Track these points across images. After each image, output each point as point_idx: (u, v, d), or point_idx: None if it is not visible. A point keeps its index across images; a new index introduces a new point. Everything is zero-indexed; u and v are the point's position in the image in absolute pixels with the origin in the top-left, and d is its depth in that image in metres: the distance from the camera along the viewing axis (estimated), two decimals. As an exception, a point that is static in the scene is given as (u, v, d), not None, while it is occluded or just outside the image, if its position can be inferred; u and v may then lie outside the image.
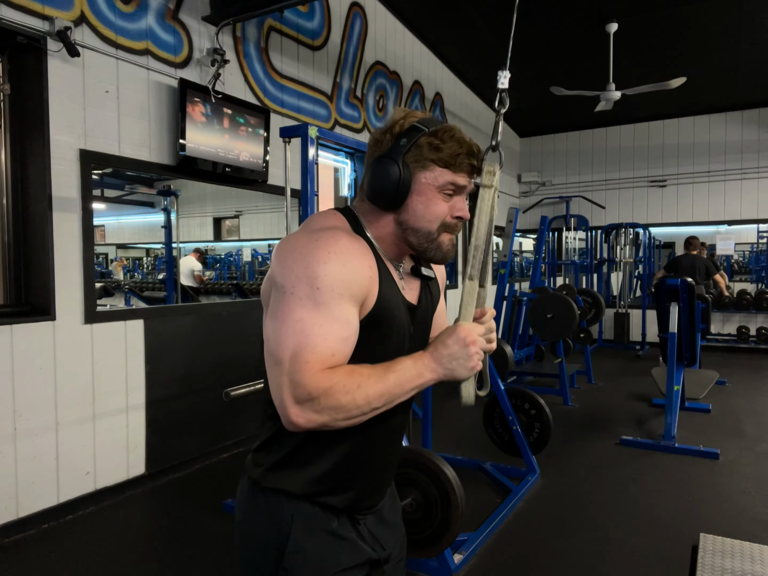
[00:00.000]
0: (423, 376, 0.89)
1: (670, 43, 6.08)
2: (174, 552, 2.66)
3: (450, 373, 0.90)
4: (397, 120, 0.97)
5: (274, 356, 0.86)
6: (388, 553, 1.10)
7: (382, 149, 0.97)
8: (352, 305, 0.89)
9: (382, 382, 0.86)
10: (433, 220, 0.97)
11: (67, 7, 2.94)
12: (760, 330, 7.82)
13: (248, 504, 1.03)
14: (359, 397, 0.84)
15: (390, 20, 5.70)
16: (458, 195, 0.99)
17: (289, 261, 0.89)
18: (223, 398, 2.41)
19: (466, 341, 0.89)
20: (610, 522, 2.92)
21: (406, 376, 0.88)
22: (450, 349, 0.89)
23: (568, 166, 9.24)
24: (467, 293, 0.95)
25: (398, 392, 0.88)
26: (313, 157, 2.61)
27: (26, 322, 2.82)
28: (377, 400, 0.86)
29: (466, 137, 0.96)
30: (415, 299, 1.05)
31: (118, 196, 7.87)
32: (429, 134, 0.94)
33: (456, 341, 0.89)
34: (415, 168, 0.95)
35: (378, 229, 1.00)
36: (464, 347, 0.89)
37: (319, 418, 0.84)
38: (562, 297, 5.12)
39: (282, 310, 0.86)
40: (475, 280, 0.95)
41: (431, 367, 0.89)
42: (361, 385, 0.84)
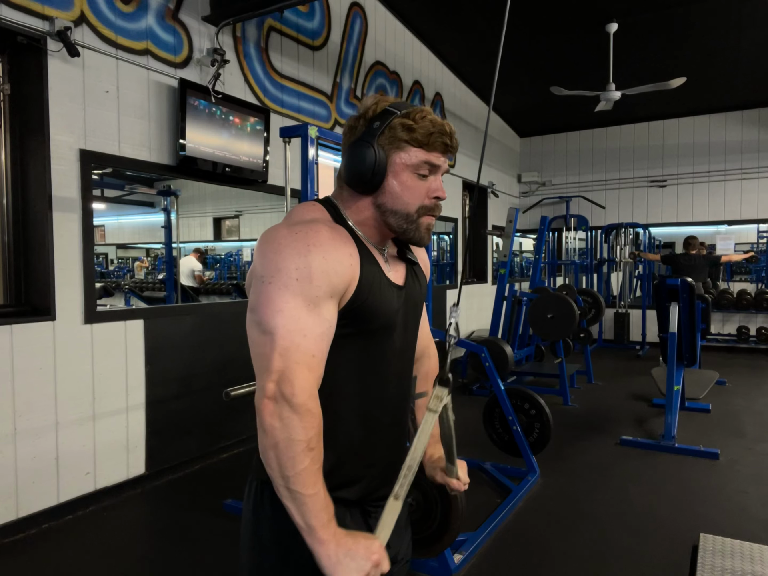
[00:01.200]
0: (315, 530, 0.85)
1: (670, 43, 6.08)
2: (174, 552, 2.66)
3: (334, 561, 0.85)
4: (370, 105, 0.98)
5: (258, 345, 0.88)
6: (395, 553, 1.10)
7: (356, 134, 0.98)
8: (330, 298, 0.90)
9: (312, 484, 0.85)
10: (410, 201, 0.98)
11: (67, 7, 2.94)
12: (760, 330, 7.82)
13: (257, 503, 1.02)
14: (298, 459, 0.84)
15: (390, 20, 5.70)
16: (434, 174, 0.99)
17: (268, 252, 0.90)
18: (223, 398, 2.41)
19: (372, 558, 0.86)
20: (610, 522, 2.92)
21: (315, 510, 0.85)
22: (357, 547, 0.86)
23: (568, 166, 9.24)
24: (389, 512, 0.91)
25: (299, 503, 0.85)
26: (313, 157, 2.61)
27: (26, 322, 2.82)
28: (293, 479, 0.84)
29: (438, 118, 0.98)
30: (401, 280, 1.06)
31: (118, 196, 7.87)
32: (401, 116, 0.95)
33: (366, 548, 0.86)
34: (390, 150, 0.96)
35: (358, 214, 1.00)
36: (366, 560, 0.85)
37: (277, 421, 0.84)
38: (562, 297, 5.12)
39: (261, 299, 0.88)
40: (400, 499, 0.92)
41: (329, 536, 0.85)
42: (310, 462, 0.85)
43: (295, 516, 0.86)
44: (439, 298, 6.79)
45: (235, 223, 9.20)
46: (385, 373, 1.03)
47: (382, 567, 0.88)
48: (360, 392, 1.00)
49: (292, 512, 0.86)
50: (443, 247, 7.82)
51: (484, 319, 7.58)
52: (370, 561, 0.86)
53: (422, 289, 1.13)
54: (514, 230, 5.15)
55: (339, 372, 0.97)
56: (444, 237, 7.75)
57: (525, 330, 6.10)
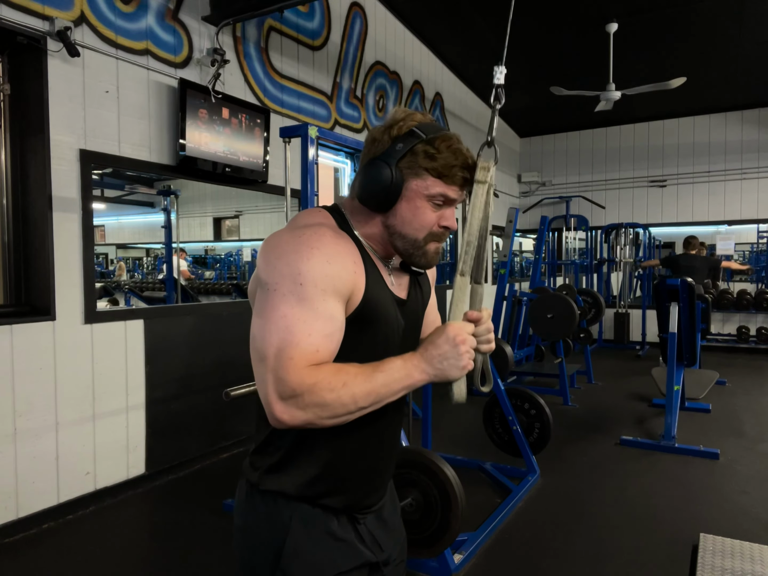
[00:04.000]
0: (412, 377, 0.88)
1: (670, 43, 6.08)
2: (174, 552, 2.66)
3: (441, 374, 0.88)
4: (398, 121, 0.96)
5: (259, 353, 0.86)
6: (387, 556, 1.10)
7: (378, 150, 0.96)
8: (337, 301, 0.89)
9: (369, 381, 0.85)
10: (419, 228, 0.97)
11: (67, 7, 2.94)
12: (760, 330, 7.82)
13: (246, 507, 1.03)
14: (345, 395, 0.83)
15: (390, 20, 5.70)
16: (448, 206, 0.98)
17: (272, 258, 0.89)
18: (223, 398, 2.41)
19: (456, 340, 0.88)
20: (610, 522, 2.92)
21: (394, 376, 0.87)
22: (440, 348, 0.88)
23: (568, 166, 9.24)
24: (458, 289, 0.94)
25: (386, 392, 0.87)
26: (313, 157, 2.61)
27: (26, 322, 2.82)
28: (363, 400, 0.85)
29: (463, 148, 0.95)
30: (404, 294, 1.05)
31: (118, 196, 7.87)
32: (426, 142, 0.93)
33: (446, 340, 0.88)
34: (408, 174, 0.94)
35: (366, 228, 1.00)
36: (454, 346, 0.88)
37: (304, 415, 0.83)
38: (562, 297, 5.12)
39: (266, 306, 0.87)
40: (466, 276, 0.93)
41: (421, 367, 0.88)
42: (347, 383, 0.84)
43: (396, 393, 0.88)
44: (440, 298, 6.76)
45: (235, 223, 9.20)
46: None
47: (468, 333, 0.90)
48: None
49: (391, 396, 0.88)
50: (443, 246, 7.81)
51: (484, 319, 7.56)
52: (458, 344, 0.88)
53: (424, 301, 1.13)
54: (514, 230, 5.15)
55: None
56: (444, 237, 7.73)
57: (525, 330, 6.10)
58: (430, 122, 0.97)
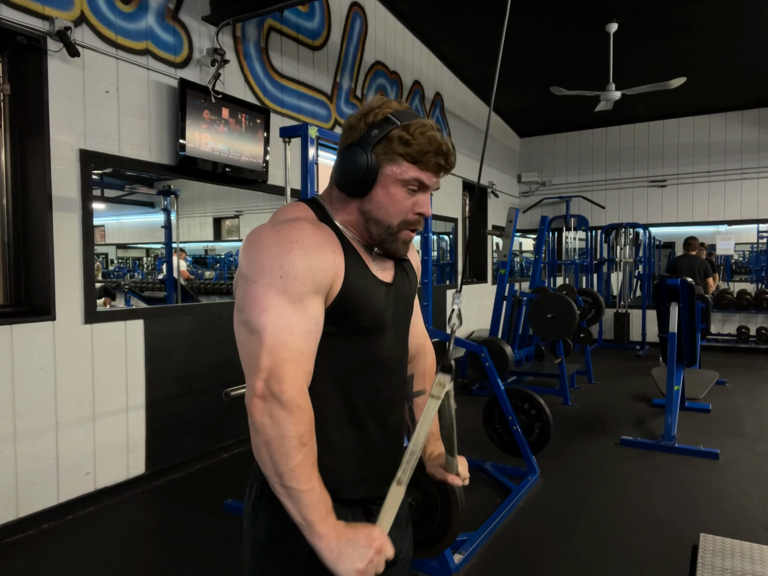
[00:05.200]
0: (313, 525, 0.84)
1: (670, 43, 6.08)
2: (174, 552, 2.66)
3: (337, 554, 0.83)
4: (373, 108, 0.97)
5: (246, 345, 0.89)
6: (396, 552, 1.10)
7: (354, 137, 0.98)
8: (316, 295, 0.91)
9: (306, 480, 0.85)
10: (394, 214, 0.98)
11: (67, 7, 2.94)
12: (760, 330, 7.82)
13: (257, 505, 1.02)
14: (290, 455, 0.84)
15: (390, 20, 5.70)
16: (423, 192, 0.99)
17: (252, 252, 0.91)
18: (223, 398, 2.41)
19: (374, 545, 0.85)
20: (610, 522, 2.92)
21: (313, 504, 0.85)
22: (357, 536, 0.85)
23: (568, 166, 9.24)
24: (392, 498, 0.90)
25: (295, 500, 0.85)
26: (313, 157, 2.60)
27: (26, 322, 2.82)
28: (287, 475, 0.84)
29: (437, 135, 0.96)
30: (390, 278, 1.06)
31: (118, 196, 7.87)
32: (401, 128, 0.95)
33: (366, 536, 0.85)
34: (384, 160, 0.96)
35: (344, 215, 1.01)
36: (368, 548, 0.84)
37: (268, 421, 0.84)
38: (562, 297, 5.12)
39: (246, 298, 0.89)
40: (403, 485, 0.91)
41: (329, 529, 0.84)
42: (304, 456, 0.84)
43: (293, 513, 0.86)
44: (439, 298, 6.78)
45: (235, 223, 9.20)
46: (377, 371, 1.03)
47: (386, 553, 0.87)
48: (353, 391, 1.00)
49: (289, 509, 0.86)
50: (443, 247, 7.82)
51: (484, 319, 7.58)
52: (372, 548, 0.85)
53: (412, 286, 1.13)
54: (514, 230, 5.15)
55: (329, 372, 0.97)
56: (444, 237, 7.75)
57: (525, 330, 6.10)
58: (405, 109, 0.98)
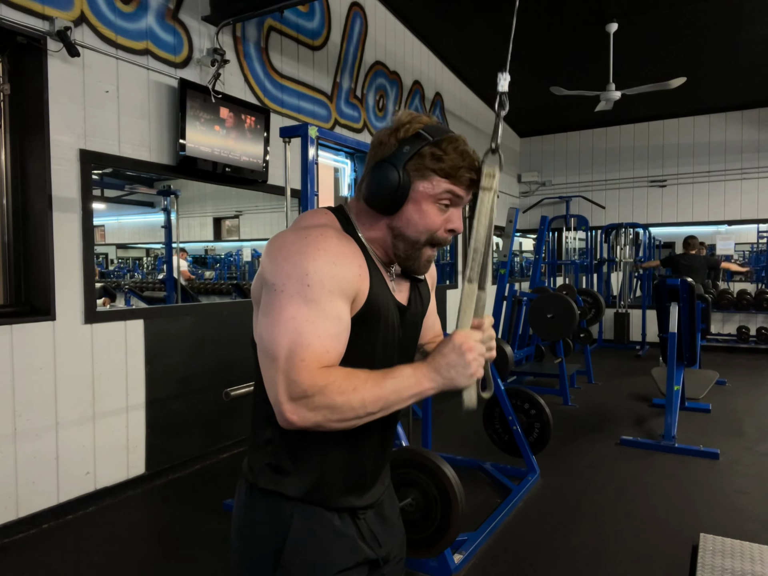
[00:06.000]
0: (421, 385, 0.88)
1: (670, 43, 6.08)
2: (174, 552, 2.66)
3: (449, 383, 0.89)
4: (404, 123, 0.96)
5: (269, 354, 0.86)
6: (387, 552, 1.10)
7: (385, 153, 0.96)
8: (343, 301, 0.90)
9: (379, 387, 0.86)
10: (423, 231, 0.97)
11: (67, 7, 2.94)
12: (760, 330, 7.82)
13: (246, 506, 1.02)
14: (354, 399, 0.84)
15: (390, 20, 5.70)
16: (455, 207, 0.99)
17: (278, 258, 0.89)
18: (223, 398, 2.41)
19: (463, 348, 0.89)
20: (610, 522, 2.92)
21: (404, 383, 0.88)
22: (447, 357, 0.89)
23: (568, 166, 9.24)
24: (466, 296, 0.94)
25: (395, 399, 0.87)
26: (313, 157, 2.61)
27: (26, 322, 2.82)
28: (372, 405, 0.85)
29: (469, 150, 0.96)
30: (405, 300, 1.06)
31: (118, 196, 7.88)
32: (432, 144, 0.94)
33: (453, 349, 0.89)
34: (415, 176, 0.95)
35: (371, 231, 1.00)
36: (461, 355, 0.88)
37: (313, 417, 0.83)
38: (562, 297, 5.12)
39: (273, 308, 0.87)
40: (474, 282, 0.94)
41: (430, 376, 0.89)
42: (357, 387, 0.84)
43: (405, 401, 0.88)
44: (440, 298, 6.78)
45: (235, 223, 9.21)
46: None
47: (477, 349, 0.90)
48: None
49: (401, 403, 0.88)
50: (443, 247, 7.82)
51: (484, 319, 7.56)
52: (464, 352, 0.88)
53: (423, 307, 1.13)
54: (514, 230, 5.16)
55: None
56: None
57: (525, 330, 6.10)
58: (436, 124, 0.97)
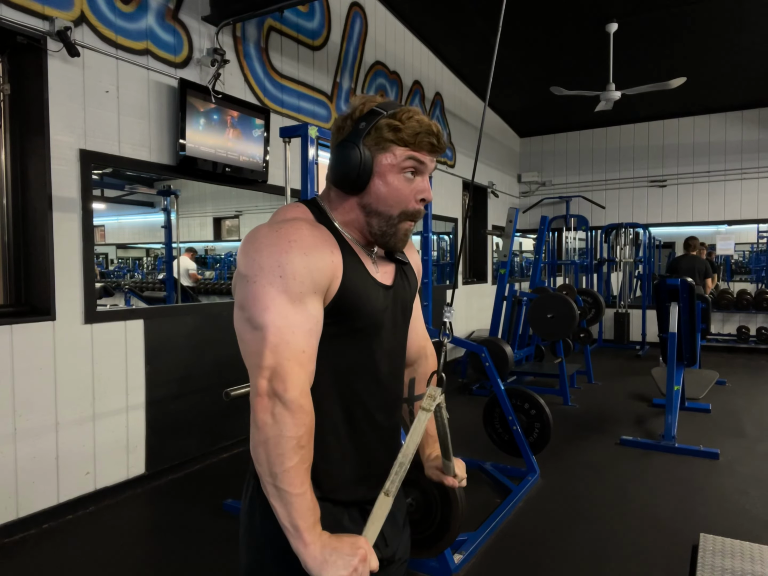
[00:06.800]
0: (304, 529, 0.85)
1: (670, 43, 6.08)
2: (174, 552, 2.66)
3: (320, 561, 0.84)
4: (357, 106, 0.98)
5: (248, 343, 0.89)
6: (393, 552, 1.10)
7: (343, 135, 0.98)
8: (315, 294, 0.91)
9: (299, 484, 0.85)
10: (394, 204, 0.98)
11: (67, 7, 2.94)
12: (760, 330, 7.82)
13: (253, 503, 1.02)
14: (286, 456, 0.84)
15: (390, 20, 5.70)
16: (420, 175, 0.99)
17: (251, 252, 0.91)
18: (223, 398, 2.41)
19: (359, 553, 0.86)
20: (610, 522, 2.92)
21: (301, 511, 0.85)
22: (342, 545, 0.86)
23: (568, 166, 9.24)
24: (379, 508, 0.92)
25: (285, 502, 0.85)
26: (313, 157, 2.60)
27: (26, 322, 2.82)
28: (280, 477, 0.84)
29: (425, 118, 0.97)
30: (390, 281, 1.06)
31: (118, 196, 7.87)
32: (388, 116, 0.95)
33: (351, 545, 0.86)
34: (376, 150, 0.96)
35: (344, 215, 1.01)
36: (352, 556, 0.85)
37: (269, 417, 0.85)
38: (562, 297, 5.12)
39: (247, 298, 0.89)
40: (390, 496, 0.92)
41: (315, 537, 0.85)
42: (299, 460, 0.85)
43: (280, 516, 0.86)
44: (440, 298, 6.79)
45: (235, 223, 9.19)
46: (374, 373, 1.03)
47: (370, 563, 0.88)
48: (349, 393, 1.00)
49: (278, 512, 0.86)
50: (443, 247, 7.83)
51: (484, 319, 7.58)
52: (357, 556, 0.86)
53: (412, 290, 1.14)
54: (514, 230, 5.15)
55: (327, 373, 0.97)
56: (444, 237, 7.75)
57: (525, 330, 6.10)
58: (390, 101, 0.99)
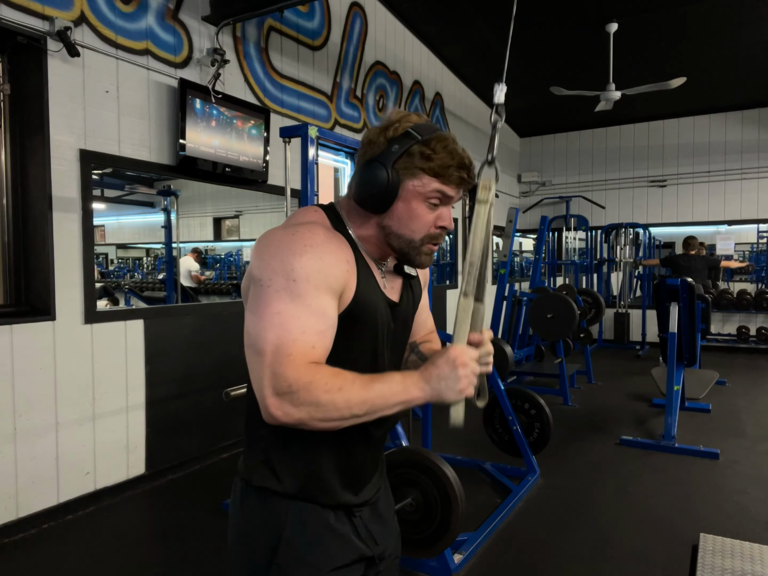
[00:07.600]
0: (409, 392, 0.88)
1: (670, 43, 6.08)
2: (174, 552, 2.66)
3: (437, 394, 0.88)
4: (393, 122, 0.97)
5: (255, 348, 0.86)
6: (382, 549, 1.10)
7: (374, 152, 0.97)
8: (330, 297, 0.90)
9: (366, 390, 0.85)
10: (416, 229, 0.97)
11: (67, 7, 2.94)
12: (760, 330, 7.82)
13: (241, 503, 1.03)
14: (339, 399, 0.83)
15: (390, 20, 5.70)
16: (444, 205, 0.99)
17: (265, 255, 0.90)
18: (223, 398, 2.41)
19: (456, 362, 0.88)
20: (610, 522, 2.92)
21: (392, 389, 0.87)
22: (440, 369, 0.88)
23: (568, 166, 9.24)
24: (462, 311, 0.93)
25: (381, 404, 0.86)
26: (313, 157, 2.61)
27: (26, 322, 2.82)
28: (358, 407, 0.84)
29: (458, 148, 0.96)
30: (396, 297, 1.06)
31: (118, 196, 7.88)
32: (421, 143, 0.94)
33: (446, 362, 0.88)
34: (404, 175, 0.95)
35: (361, 230, 1.00)
36: (453, 369, 0.88)
37: (297, 413, 0.83)
38: (562, 297, 5.12)
39: (260, 303, 0.87)
40: (469, 296, 0.93)
41: (419, 385, 0.88)
42: (344, 387, 0.84)
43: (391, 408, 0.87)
44: (440, 298, 6.79)
45: (235, 223, 9.20)
46: None
47: (470, 367, 0.89)
48: None
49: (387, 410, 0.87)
50: (443, 246, 7.83)
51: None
52: (457, 366, 0.88)
53: (415, 304, 1.14)
54: (514, 230, 5.16)
55: None
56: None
57: (525, 330, 6.10)
58: (425, 123, 0.97)
